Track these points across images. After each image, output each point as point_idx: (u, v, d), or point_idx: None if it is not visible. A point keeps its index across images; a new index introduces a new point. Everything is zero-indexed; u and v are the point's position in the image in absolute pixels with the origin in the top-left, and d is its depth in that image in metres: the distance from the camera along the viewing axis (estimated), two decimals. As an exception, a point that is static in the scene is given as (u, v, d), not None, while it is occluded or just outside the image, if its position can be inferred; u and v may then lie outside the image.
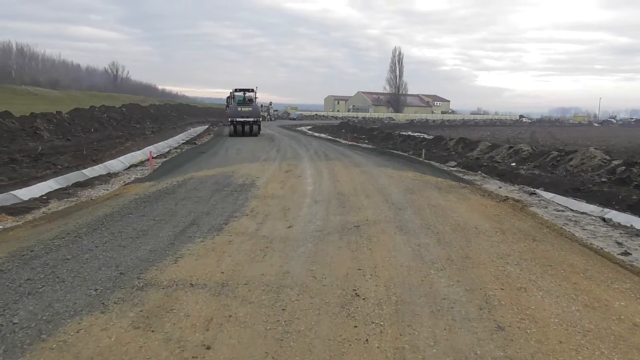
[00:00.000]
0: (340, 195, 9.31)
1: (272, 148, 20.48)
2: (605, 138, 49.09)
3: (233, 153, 18.33)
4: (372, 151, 19.68)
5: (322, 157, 16.88)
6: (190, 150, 20.43)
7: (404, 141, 33.38)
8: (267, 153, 18.15)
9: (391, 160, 16.36)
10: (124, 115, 39.19)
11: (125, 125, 33.77)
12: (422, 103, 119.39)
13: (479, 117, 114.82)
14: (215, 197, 9.30)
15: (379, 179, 11.42)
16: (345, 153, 18.51)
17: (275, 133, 34.25)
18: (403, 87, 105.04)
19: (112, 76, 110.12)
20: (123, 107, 42.48)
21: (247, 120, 28.65)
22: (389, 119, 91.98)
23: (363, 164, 14.76)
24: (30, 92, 53.74)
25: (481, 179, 13.14)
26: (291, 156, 17.04)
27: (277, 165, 14.24)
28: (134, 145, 23.67)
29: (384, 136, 37.08)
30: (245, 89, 30.04)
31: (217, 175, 12.26)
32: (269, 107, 73.01)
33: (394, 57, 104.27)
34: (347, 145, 23.23)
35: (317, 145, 22.40)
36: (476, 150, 25.55)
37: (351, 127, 49.77)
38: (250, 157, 16.60)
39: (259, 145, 22.38)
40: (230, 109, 29.30)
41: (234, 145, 22.61)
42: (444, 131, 65.88)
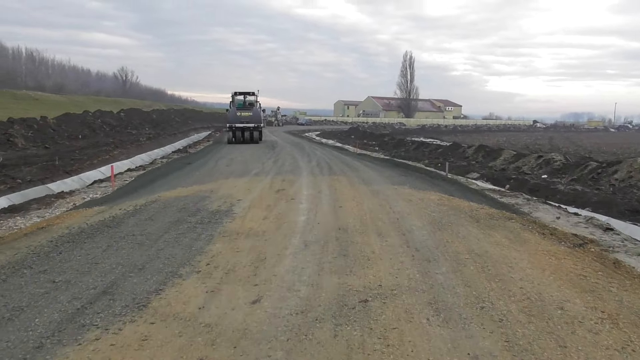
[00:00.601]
0: (342, 233, 6.58)
1: (270, 158, 17.81)
2: (629, 144, 45.83)
3: (223, 164, 15.69)
4: (384, 163, 16.84)
5: (325, 170, 14.17)
6: (178, 160, 17.84)
7: (417, 148, 30.58)
8: (262, 164, 15.49)
9: (407, 175, 13.58)
10: (121, 121, 36.86)
11: (119, 132, 31.37)
12: (433, 108, 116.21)
13: (492, 122, 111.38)
14: (169, 233, 6.64)
15: (395, 203, 8.68)
16: (353, 165, 15.76)
17: (278, 140, 31.59)
18: (414, 92, 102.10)
19: (122, 81, 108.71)
20: (122, 112, 40.19)
21: (247, 126, 26.04)
22: (400, 124, 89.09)
23: (374, 180, 11.99)
24: (30, 97, 51.77)
25: (525, 202, 10.26)
26: (289, 169, 14.36)
27: (269, 182, 11.56)
28: (122, 153, 21.22)
29: (396, 143, 34.27)
30: (246, 92, 27.46)
31: (190, 196, 9.61)
32: (276, 112, 70.56)
33: (405, 61, 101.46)
34: (355, 155, 20.45)
35: (321, 155, 19.68)
36: (499, 159, 22.68)
37: (361, 133, 46.93)
38: (241, 170, 13.96)
39: (256, 154, 19.73)
40: (228, 114, 26.76)
41: (229, 154, 20.00)
42: (457, 137, 62.84)
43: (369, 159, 18.47)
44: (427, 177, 13.06)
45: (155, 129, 38.87)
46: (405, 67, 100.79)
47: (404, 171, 14.38)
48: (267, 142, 27.68)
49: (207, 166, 15.24)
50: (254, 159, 17.63)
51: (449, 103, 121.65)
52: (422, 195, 9.52)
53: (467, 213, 7.84)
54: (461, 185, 12.15)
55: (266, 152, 20.55)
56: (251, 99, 27.57)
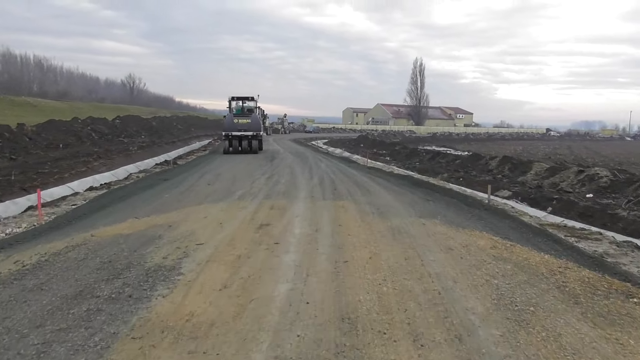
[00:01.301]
0: (347, 333, 3.59)
1: (265, 173, 14.83)
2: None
3: (205, 181, 12.73)
4: (400, 180, 13.54)
5: (329, 190, 11.16)
6: (157, 174, 14.92)
7: (432, 159, 27.48)
8: (252, 182, 12.52)
9: (433, 198, 10.47)
10: (114, 129, 34.20)
11: (110, 140, 28.65)
12: (444, 116, 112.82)
13: (504, 130, 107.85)
14: (43, 329, 3.70)
15: (428, 255, 5.66)
16: (363, 183, 12.71)
17: (281, 149, 28.66)
18: (424, 99, 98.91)
19: (129, 88, 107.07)
20: (117, 119, 37.60)
21: (244, 135, 23.14)
22: (410, 132, 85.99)
23: (391, 208, 8.94)
24: (29, 103, 49.51)
25: (617, 250, 6.94)
26: (283, 189, 11.37)
27: (253, 210, 8.59)
28: (105, 165, 18.41)
29: (408, 152, 31.16)
30: (244, 97, 24.59)
31: (134, 234, 6.68)
32: (283, 119, 67.86)
33: (415, 68, 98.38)
34: (365, 169, 17.33)
35: (326, 168, 16.66)
36: (530, 173, 19.50)
37: (370, 142, 43.87)
38: (223, 190, 11.01)
39: (250, 167, 16.77)
40: (224, 121, 23.90)
41: (220, 166, 17.08)
42: (471, 145, 59.51)
43: (382, 174, 15.40)
44: (459, 203, 9.94)
45: (152, 136, 36.15)
46: (416, 74, 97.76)
47: (427, 192, 11.27)
48: (267, 152, 24.76)
49: (185, 184, 12.29)
50: (245, 173, 14.67)
51: (460, 111, 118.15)
52: (465, 238, 6.49)
53: (550, 280, 4.79)
54: (508, 215, 8.99)
55: (262, 165, 17.59)
56: (250, 105, 24.70)
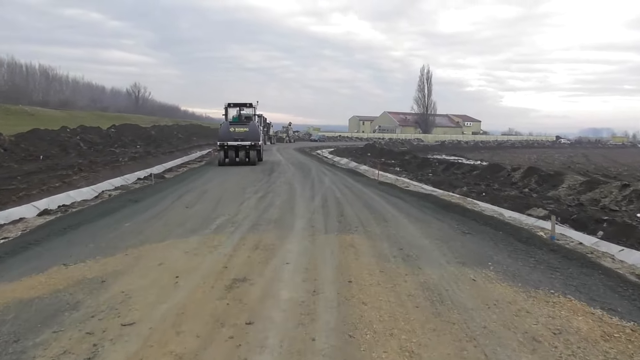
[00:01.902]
0: None
1: (258, 190, 12.39)
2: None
3: (183, 204, 10.30)
4: (422, 201, 10.96)
5: (333, 216, 8.71)
6: (129, 194, 12.54)
7: (446, 169, 24.98)
8: (240, 204, 10.09)
9: (471, 229, 7.84)
10: (107, 138, 32.01)
11: (99, 150, 26.42)
12: (451, 123, 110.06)
13: (513, 138, 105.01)
14: None
15: (502, 356, 3.25)
16: (375, 204, 10.23)
17: (282, 159, 26.28)
18: (432, 107, 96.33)
19: (134, 97, 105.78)
20: (112, 128, 35.45)
21: (241, 145, 20.79)
22: (418, 140, 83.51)
23: (420, 248, 6.43)
24: (26, 112, 47.62)
25: None
26: (276, 214, 8.93)
27: (229, 252, 6.16)
28: (86, 178, 16.14)
29: (420, 162, 28.64)
30: (241, 104, 22.27)
31: (36, 301, 4.30)
32: (287, 128, 65.64)
33: (422, 76, 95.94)
34: (376, 185, 14.76)
35: (330, 184, 14.22)
36: (562, 187, 16.93)
37: (378, 151, 41.31)
38: (201, 217, 8.59)
39: (242, 182, 14.34)
40: (220, 129, 21.60)
41: (207, 182, 14.69)
42: (482, 154, 56.84)
43: (397, 191, 12.86)
44: (508, 237, 7.34)
45: (148, 146, 33.93)
46: (423, 82, 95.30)
47: (459, 219, 8.68)
48: (267, 164, 22.36)
49: (159, 206, 9.89)
50: (235, 191, 12.25)
51: (468, 118, 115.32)
52: (549, 313, 4.01)
53: None
54: (587, 261, 6.32)
55: (258, 180, 15.18)
56: (248, 112, 22.38)
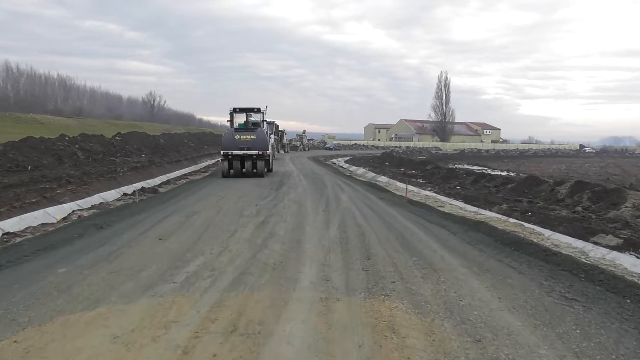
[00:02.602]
0: None
1: (259, 213, 9.85)
2: None
3: (157, 234, 7.79)
4: (473, 232, 8.04)
5: (356, 255, 6.09)
6: (102, 216, 10.10)
7: (476, 182, 22.17)
8: (231, 236, 7.54)
9: (574, 291, 5.21)
10: (110, 147, 29.90)
11: (99, 160, 24.28)
12: (470, 131, 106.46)
13: (534, 147, 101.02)
14: None
15: None
16: (413, 239, 7.54)
17: (295, 170, 23.78)
18: (450, 114, 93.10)
19: (150, 106, 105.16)
20: (117, 136, 33.41)
21: (248, 154, 18.35)
22: (436, 148, 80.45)
23: (510, 344, 3.85)
24: (36, 121, 46.15)
25: None
26: (277, 254, 6.31)
27: (185, 340, 3.67)
28: (74, 192, 13.93)
29: (445, 173, 25.80)
30: (249, 109, 19.87)
31: None
32: (302, 135, 63.25)
33: (440, 83, 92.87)
34: (404, 205, 12.04)
35: (349, 203, 11.62)
36: (624, 206, 14.06)
37: (396, 160, 38.51)
38: (169, 259, 6.04)
39: (243, 200, 11.81)
40: (224, 137, 19.17)
41: (201, 199, 12.20)
42: (506, 163, 53.54)
43: (435, 214, 10.06)
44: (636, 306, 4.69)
45: (154, 155, 31.81)
46: (440, 89, 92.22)
47: (545, 268, 5.91)
48: (277, 175, 19.87)
49: (122, 239, 7.39)
50: (231, 214, 9.73)
51: (487, 126, 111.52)
52: None
53: None
54: None
55: (262, 196, 12.65)
56: (256, 118, 19.95)
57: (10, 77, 78.00)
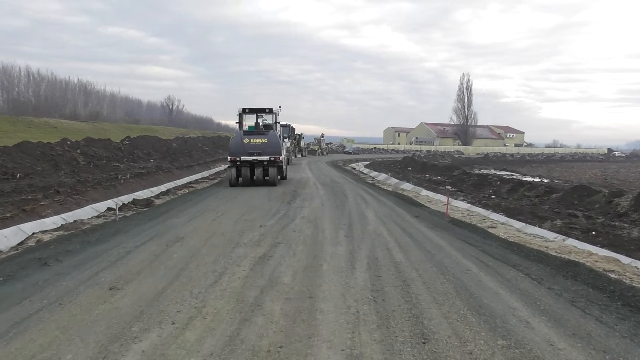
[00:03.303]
0: None
1: (261, 240, 7.43)
2: None
3: (111, 278, 5.47)
4: (571, 284, 5.20)
5: (405, 334, 3.75)
6: (60, 242, 7.84)
7: (513, 190, 19.45)
8: (213, 283, 5.19)
9: None
10: (117, 152, 28.02)
11: (101, 166, 22.30)
12: (492, 135, 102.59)
13: (560, 151, 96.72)
14: None
15: None
16: (482, 295, 4.99)
17: (311, 177, 21.41)
18: (472, 118, 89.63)
19: (168, 110, 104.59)
20: (125, 141, 31.56)
21: (258, 160, 16.04)
22: (458, 152, 77.22)
23: None
24: (49, 125, 44.84)
25: None
26: (275, 327, 3.98)
27: None
28: (59, 204, 11.94)
29: (476, 181, 23.07)
30: (259, 109, 17.57)
31: None
32: (320, 139, 60.96)
33: (462, 85, 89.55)
34: (444, 223, 9.49)
35: (376, 222, 9.14)
36: None
37: (419, 165, 35.75)
38: (96, 343, 3.82)
39: (243, 221, 9.36)
40: (231, 141, 16.86)
41: (196, 217, 9.88)
42: (534, 168, 50.21)
43: (494, 244, 7.33)
44: None
45: (164, 160, 29.84)
46: (462, 91, 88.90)
47: None
48: (291, 184, 17.52)
49: (58, 288, 5.07)
50: (223, 242, 7.36)
51: (510, 130, 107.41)
52: None
53: None
54: None
55: (270, 213, 10.27)
56: (267, 120, 17.65)
57: (32, 83, 77.84)
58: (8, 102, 68.05)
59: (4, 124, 39.03)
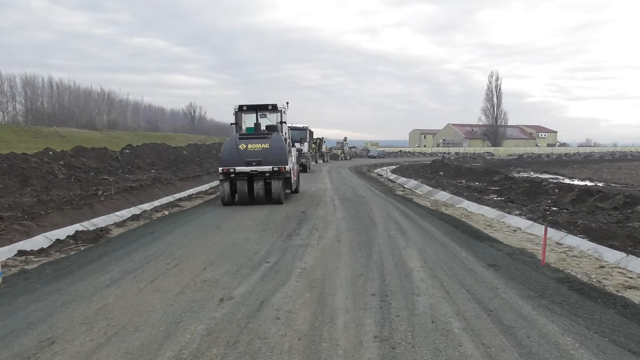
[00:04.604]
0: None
1: (219, 330, 3.59)
2: None
3: None
4: None
5: None
6: None
7: (579, 200, 14.95)
8: None
9: None
10: (114, 162, 24.66)
11: (85, 179, 18.82)
12: (524, 135, 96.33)
13: (596, 150, 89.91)
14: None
15: None
16: None
17: (329, 188, 17.41)
18: (502, 117, 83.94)
19: (190, 118, 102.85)
20: (127, 149, 28.27)
21: (257, 171, 12.17)
22: (489, 154, 71.91)
23: None
24: (58, 134, 42.26)
25: None
26: None
27: None
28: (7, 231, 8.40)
29: (527, 188, 18.58)
30: (260, 106, 13.63)
31: None
32: (343, 143, 56.93)
33: (490, 84, 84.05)
34: (549, 286, 5.36)
35: (433, 291, 5.12)
36: None
37: (453, 169, 31.15)
38: None
39: (194, 289, 5.37)
40: (224, 148, 12.86)
41: (139, 267, 6.07)
42: (576, 169, 44.62)
43: None
44: None
45: (168, 170, 26.38)
46: (491, 90, 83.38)
47: None
48: (302, 199, 13.60)
49: None
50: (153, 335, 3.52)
51: (542, 129, 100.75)
52: None
53: None
54: None
55: (251, 264, 6.34)
56: (270, 120, 13.71)
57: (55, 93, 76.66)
58: (27, 112, 66.68)
59: (7, 133, 36.50)
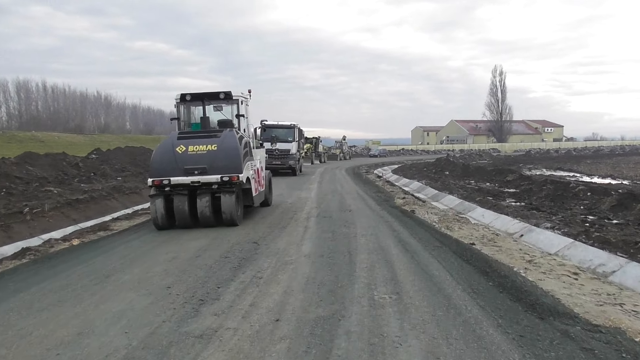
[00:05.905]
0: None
1: None
2: None
3: None
4: None
5: None
6: None
7: (621, 206, 11.17)
8: None
9: None
10: (70, 169, 21.28)
11: (19, 192, 15.39)
12: (529, 130, 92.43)
13: (605, 144, 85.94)
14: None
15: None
16: None
17: (312, 197, 13.99)
18: (507, 112, 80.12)
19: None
20: (93, 154, 25.00)
21: (199, 182, 8.76)
22: (494, 150, 68.14)
23: None
24: (36, 138, 39.16)
25: None
26: None
27: None
28: None
29: (551, 192, 14.94)
30: (209, 94, 10.09)
31: None
32: (341, 142, 53.42)
33: (494, 78, 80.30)
34: None
35: None
36: None
37: (459, 168, 27.41)
38: None
39: None
40: (155, 152, 9.43)
41: None
42: (595, 166, 40.65)
43: None
44: None
45: (138, 177, 23.03)
46: (495, 85, 79.65)
47: None
48: (268, 217, 10.21)
49: None
50: None
51: (547, 124, 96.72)
52: None
53: None
54: None
55: None
56: (223, 115, 10.25)
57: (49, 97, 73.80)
58: (18, 116, 63.83)
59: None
